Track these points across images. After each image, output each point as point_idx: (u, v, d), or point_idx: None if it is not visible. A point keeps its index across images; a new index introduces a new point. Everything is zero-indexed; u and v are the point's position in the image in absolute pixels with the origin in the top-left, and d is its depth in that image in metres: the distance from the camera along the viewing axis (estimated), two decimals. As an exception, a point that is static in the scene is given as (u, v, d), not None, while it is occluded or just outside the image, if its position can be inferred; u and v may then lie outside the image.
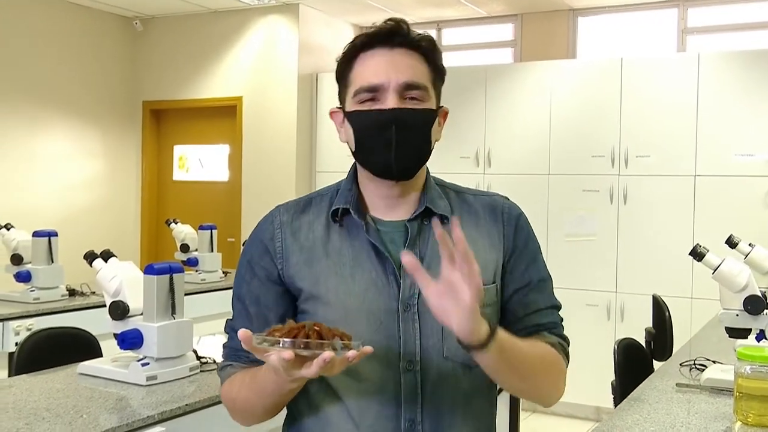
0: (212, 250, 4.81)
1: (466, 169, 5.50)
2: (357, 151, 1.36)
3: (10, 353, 3.35)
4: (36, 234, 3.90)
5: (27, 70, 5.96)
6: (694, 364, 2.52)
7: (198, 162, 6.77)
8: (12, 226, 4.11)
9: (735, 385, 1.83)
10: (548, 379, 1.36)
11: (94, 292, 4.00)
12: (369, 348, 1.15)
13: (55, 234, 3.92)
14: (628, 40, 5.87)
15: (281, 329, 1.15)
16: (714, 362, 2.50)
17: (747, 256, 3.13)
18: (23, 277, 3.84)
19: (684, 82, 4.90)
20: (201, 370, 2.46)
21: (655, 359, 3.27)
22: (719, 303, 2.40)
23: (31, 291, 3.82)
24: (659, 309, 3.67)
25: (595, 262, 5.15)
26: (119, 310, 2.39)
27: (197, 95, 6.57)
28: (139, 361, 2.33)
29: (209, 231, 4.80)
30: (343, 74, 1.37)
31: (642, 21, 5.86)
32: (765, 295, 2.33)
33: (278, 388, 1.24)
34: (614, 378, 2.80)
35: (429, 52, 1.36)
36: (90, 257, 2.63)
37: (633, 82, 5.06)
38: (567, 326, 1.46)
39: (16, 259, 3.92)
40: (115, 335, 2.39)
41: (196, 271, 4.75)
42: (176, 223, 5.01)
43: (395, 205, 1.38)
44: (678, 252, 3.99)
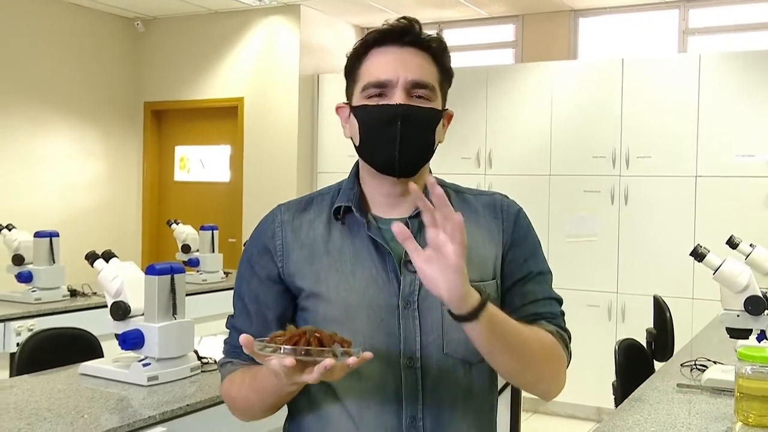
0: (213, 251, 4.82)
1: (467, 169, 5.50)
2: (361, 146, 1.37)
3: (12, 354, 3.36)
4: (37, 234, 3.90)
5: (28, 71, 5.97)
6: (695, 364, 2.52)
7: (199, 162, 6.77)
8: (13, 227, 4.12)
9: (736, 385, 1.83)
10: (547, 367, 1.33)
11: (96, 293, 4.00)
12: (369, 354, 1.16)
13: (57, 234, 3.92)
14: (629, 40, 5.87)
15: (282, 335, 1.15)
16: (715, 363, 2.50)
17: (748, 257, 3.13)
18: (25, 278, 3.85)
19: (685, 83, 4.90)
20: (202, 371, 2.46)
21: (655, 360, 3.27)
22: (720, 303, 2.40)
23: (32, 291, 3.83)
24: (660, 309, 3.68)
25: (596, 263, 5.15)
26: (120, 311, 2.40)
27: (198, 96, 6.58)
28: (140, 361, 2.33)
29: (210, 231, 4.81)
30: (352, 69, 1.38)
31: (643, 22, 5.86)
32: (766, 296, 2.33)
33: (278, 389, 1.25)
34: (615, 378, 2.80)
35: (438, 53, 1.37)
36: (91, 258, 2.63)
37: (634, 82, 5.06)
38: (568, 327, 1.44)
39: (18, 259, 3.93)
40: (117, 335, 2.40)
41: (197, 271, 4.76)
42: (177, 223, 5.02)
43: (397, 204, 1.39)
44: (679, 252, 3.99)
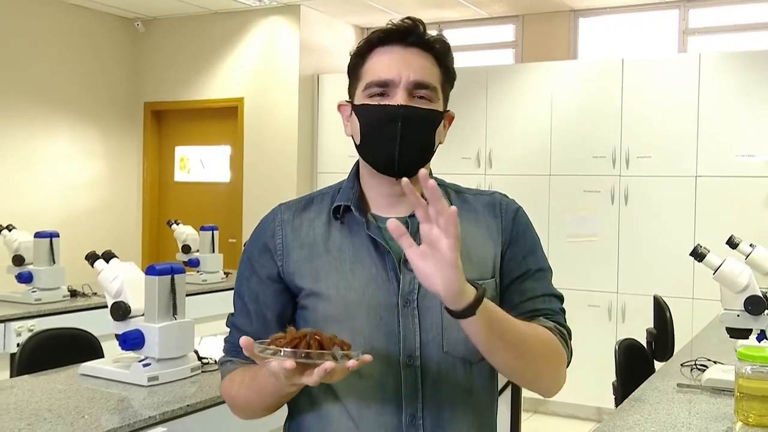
0: (213, 251, 4.82)
1: (467, 169, 5.50)
2: (361, 145, 1.37)
3: (12, 354, 3.36)
4: (37, 235, 3.90)
5: (29, 71, 5.97)
6: (695, 364, 2.52)
7: (199, 163, 6.77)
8: (13, 227, 4.12)
9: (736, 385, 1.83)
10: (546, 364, 1.32)
11: (96, 293, 4.00)
12: (368, 356, 1.16)
13: (57, 235, 3.92)
14: (629, 40, 5.87)
15: (282, 337, 1.16)
16: (715, 362, 2.50)
17: (748, 257, 3.13)
18: (25, 278, 3.85)
19: (685, 83, 4.91)
20: (202, 371, 2.46)
21: (656, 360, 3.27)
22: (720, 303, 2.40)
23: (32, 292, 3.83)
24: (660, 309, 3.68)
25: (596, 263, 5.15)
26: (121, 311, 2.40)
27: (198, 96, 6.58)
28: (140, 361, 2.33)
29: (210, 232, 4.81)
30: (355, 67, 1.38)
31: (643, 22, 5.86)
32: (766, 296, 2.33)
33: (277, 390, 1.26)
34: (615, 378, 2.80)
35: (442, 54, 1.37)
36: (91, 258, 2.63)
37: (634, 82, 5.06)
38: (569, 325, 1.44)
39: (18, 260, 3.93)
40: (117, 336, 2.40)
41: (198, 271, 4.76)
42: (177, 224, 5.02)
43: (396, 203, 1.39)
44: (679, 252, 3.99)
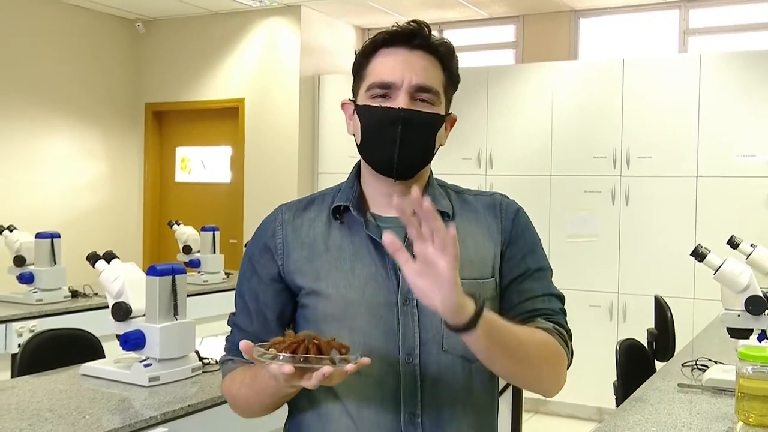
0: (214, 252, 4.82)
1: (468, 170, 5.50)
2: (362, 145, 1.38)
3: (13, 354, 3.36)
4: (39, 236, 3.91)
5: (29, 72, 5.98)
6: (696, 364, 2.52)
7: (200, 163, 6.78)
8: (15, 228, 4.13)
9: (736, 385, 1.84)
10: (545, 366, 1.32)
11: (97, 294, 4.01)
12: (366, 359, 1.16)
13: (58, 236, 3.93)
14: (630, 41, 5.87)
15: (282, 342, 1.17)
16: (716, 363, 2.50)
17: (749, 257, 3.13)
18: (26, 279, 3.85)
19: (685, 83, 4.91)
20: (203, 371, 2.46)
21: (656, 360, 3.27)
22: (721, 303, 2.40)
23: (33, 292, 3.83)
24: (661, 309, 3.68)
25: (597, 263, 5.15)
26: (122, 312, 2.40)
27: (199, 97, 6.58)
28: (141, 362, 2.33)
29: (211, 232, 4.81)
30: (359, 67, 1.39)
31: (643, 22, 5.86)
32: (766, 296, 2.33)
33: (277, 391, 1.26)
34: (616, 378, 2.80)
35: (446, 58, 1.38)
36: (92, 259, 2.64)
37: (634, 83, 5.06)
38: (569, 325, 1.44)
39: (19, 260, 3.93)
40: (118, 336, 2.40)
41: (199, 272, 4.76)
42: (178, 224, 5.03)
43: None
44: (680, 253, 3.99)
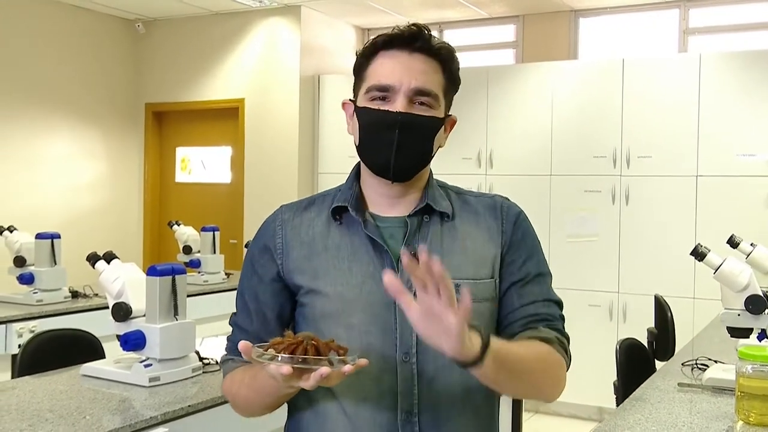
0: (215, 252, 4.82)
1: (468, 170, 5.51)
2: (360, 146, 1.40)
3: (14, 355, 3.37)
4: (39, 236, 3.91)
5: (29, 72, 5.98)
6: (696, 363, 2.53)
7: (200, 164, 6.78)
8: (15, 229, 4.13)
9: (736, 384, 1.84)
10: (547, 378, 1.34)
11: (97, 294, 4.01)
12: (364, 360, 1.17)
13: (58, 236, 3.93)
14: (630, 40, 5.87)
15: (280, 342, 1.18)
16: (716, 362, 2.50)
17: (748, 256, 3.13)
18: (26, 279, 3.85)
19: (685, 83, 4.90)
20: (204, 371, 2.46)
21: (657, 359, 3.27)
22: (721, 303, 2.40)
23: (34, 293, 3.83)
24: (661, 309, 3.68)
25: (597, 263, 5.15)
26: (122, 312, 2.40)
27: (199, 97, 6.58)
28: (141, 362, 2.33)
29: (212, 233, 4.82)
30: (360, 68, 1.40)
31: (643, 22, 5.85)
32: (766, 295, 2.33)
33: (276, 391, 1.27)
34: (616, 378, 2.80)
35: (446, 61, 1.38)
36: (93, 259, 2.64)
37: (634, 82, 5.06)
38: (569, 327, 1.44)
39: (19, 261, 3.94)
40: (118, 337, 2.40)
41: (199, 272, 4.76)
42: (179, 224, 5.03)
43: (396, 203, 1.41)
44: (680, 252, 3.99)
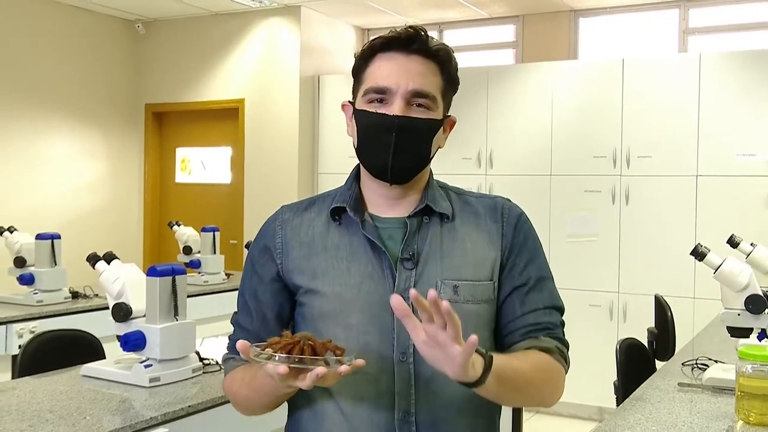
0: (215, 252, 4.82)
1: (468, 170, 5.50)
2: (359, 148, 1.40)
3: (14, 356, 3.37)
4: (39, 237, 3.91)
5: (29, 73, 5.98)
6: (696, 363, 2.53)
7: (200, 164, 6.78)
8: (15, 229, 4.13)
9: (736, 384, 1.84)
10: (546, 388, 1.36)
11: (97, 295, 4.01)
12: (361, 361, 1.18)
13: (58, 236, 3.93)
14: (630, 40, 5.87)
15: (278, 342, 1.19)
16: (716, 362, 2.50)
17: (748, 256, 3.13)
18: (26, 280, 3.85)
19: (685, 83, 4.90)
20: (204, 372, 2.46)
21: (657, 359, 3.27)
22: (721, 303, 2.40)
23: (34, 293, 3.83)
24: (661, 309, 3.68)
25: (597, 263, 5.15)
26: (122, 312, 2.40)
27: (199, 98, 6.58)
28: (142, 362, 2.33)
29: (212, 233, 4.82)
30: (358, 71, 1.40)
31: (643, 22, 5.85)
32: (766, 295, 2.33)
33: (275, 390, 1.28)
34: (617, 378, 2.80)
35: (444, 62, 1.38)
36: (93, 259, 2.64)
37: (634, 82, 5.06)
38: (569, 327, 1.45)
39: (20, 261, 3.94)
40: (118, 337, 2.40)
41: (199, 273, 4.76)
42: (179, 225, 5.03)
43: (395, 204, 1.41)
44: (680, 252, 3.99)
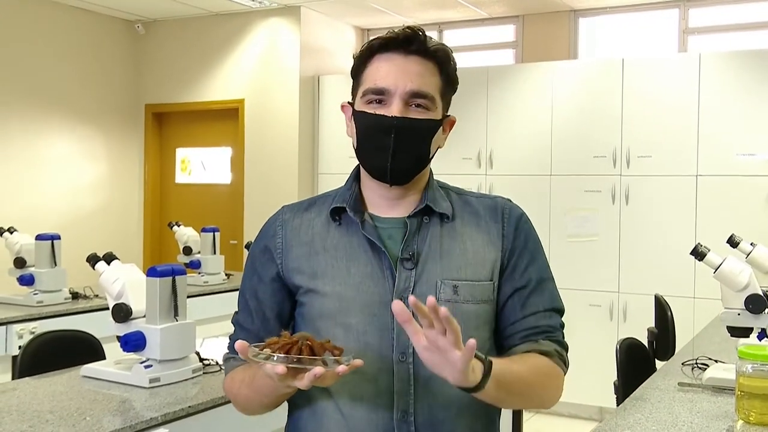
0: (215, 253, 4.82)
1: (468, 170, 5.50)
2: (358, 149, 1.40)
3: (14, 356, 3.37)
4: (39, 237, 3.91)
5: (30, 74, 5.98)
6: (696, 363, 2.53)
7: (200, 164, 6.78)
8: (15, 230, 4.13)
9: (737, 384, 1.84)
10: (545, 391, 1.38)
11: (97, 295, 4.01)
12: (359, 361, 1.18)
13: (58, 237, 3.93)
14: (629, 40, 5.87)
15: (276, 342, 1.20)
16: (716, 361, 2.50)
17: (748, 256, 3.12)
18: (26, 281, 3.85)
19: (685, 82, 4.90)
20: (204, 372, 2.46)
21: (657, 359, 3.27)
22: (721, 302, 2.40)
23: (34, 294, 3.83)
24: (661, 309, 3.68)
25: (597, 263, 5.14)
26: (122, 313, 2.40)
27: (199, 98, 6.58)
28: (142, 363, 2.33)
29: (212, 233, 4.82)
30: (357, 72, 1.41)
31: (643, 21, 5.85)
32: (766, 294, 2.33)
33: (274, 390, 1.29)
34: (617, 378, 2.80)
35: (443, 62, 1.38)
36: (93, 260, 2.64)
37: (634, 82, 5.06)
38: (570, 327, 1.45)
39: (20, 262, 3.94)
40: (118, 338, 2.40)
41: (199, 273, 4.76)
42: (179, 225, 5.03)
43: (395, 204, 1.41)
44: (680, 252, 3.99)
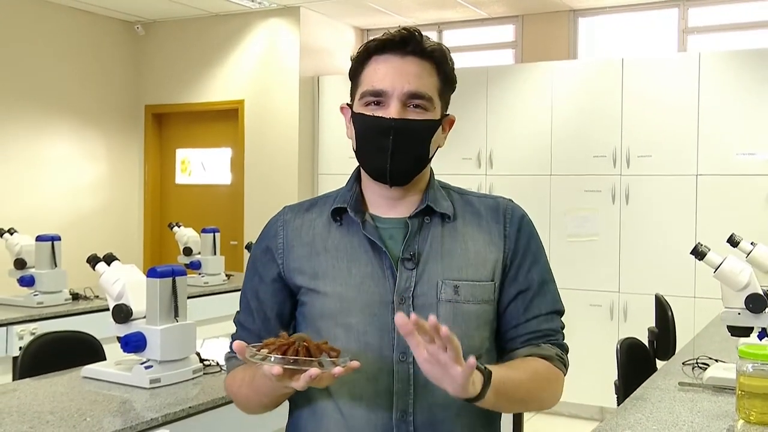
0: (215, 253, 4.82)
1: (468, 170, 5.51)
2: (358, 151, 1.41)
3: (15, 357, 3.37)
4: (39, 238, 3.91)
5: (30, 74, 5.98)
6: (697, 362, 2.53)
7: (200, 165, 6.78)
8: (15, 231, 4.13)
9: (737, 383, 1.84)
10: (545, 394, 1.39)
11: (98, 296, 4.01)
12: (355, 363, 1.18)
13: (58, 238, 3.93)
14: (629, 40, 5.87)
15: (273, 343, 1.20)
16: (716, 361, 2.50)
17: (749, 255, 3.12)
18: (27, 282, 3.85)
19: (685, 82, 4.90)
20: (204, 373, 2.46)
21: (657, 358, 3.27)
22: (721, 302, 2.40)
23: (34, 295, 3.83)
24: (662, 308, 3.68)
25: (597, 263, 5.14)
26: (122, 314, 2.40)
27: (199, 99, 6.59)
28: (142, 364, 2.33)
29: (212, 234, 4.82)
30: (354, 73, 1.41)
31: (642, 21, 5.86)
32: (767, 294, 2.33)
33: (272, 391, 1.29)
34: (617, 377, 2.80)
35: (440, 62, 1.38)
36: (93, 261, 2.64)
37: (634, 82, 5.06)
38: (570, 327, 1.46)
39: (20, 263, 3.93)
40: (119, 338, 2.40)
41: (199, 274, 4.77)
42: (179, 226, 5.03)
43: (396, 205, 1.42)
44: (680, 251, 4.00)
